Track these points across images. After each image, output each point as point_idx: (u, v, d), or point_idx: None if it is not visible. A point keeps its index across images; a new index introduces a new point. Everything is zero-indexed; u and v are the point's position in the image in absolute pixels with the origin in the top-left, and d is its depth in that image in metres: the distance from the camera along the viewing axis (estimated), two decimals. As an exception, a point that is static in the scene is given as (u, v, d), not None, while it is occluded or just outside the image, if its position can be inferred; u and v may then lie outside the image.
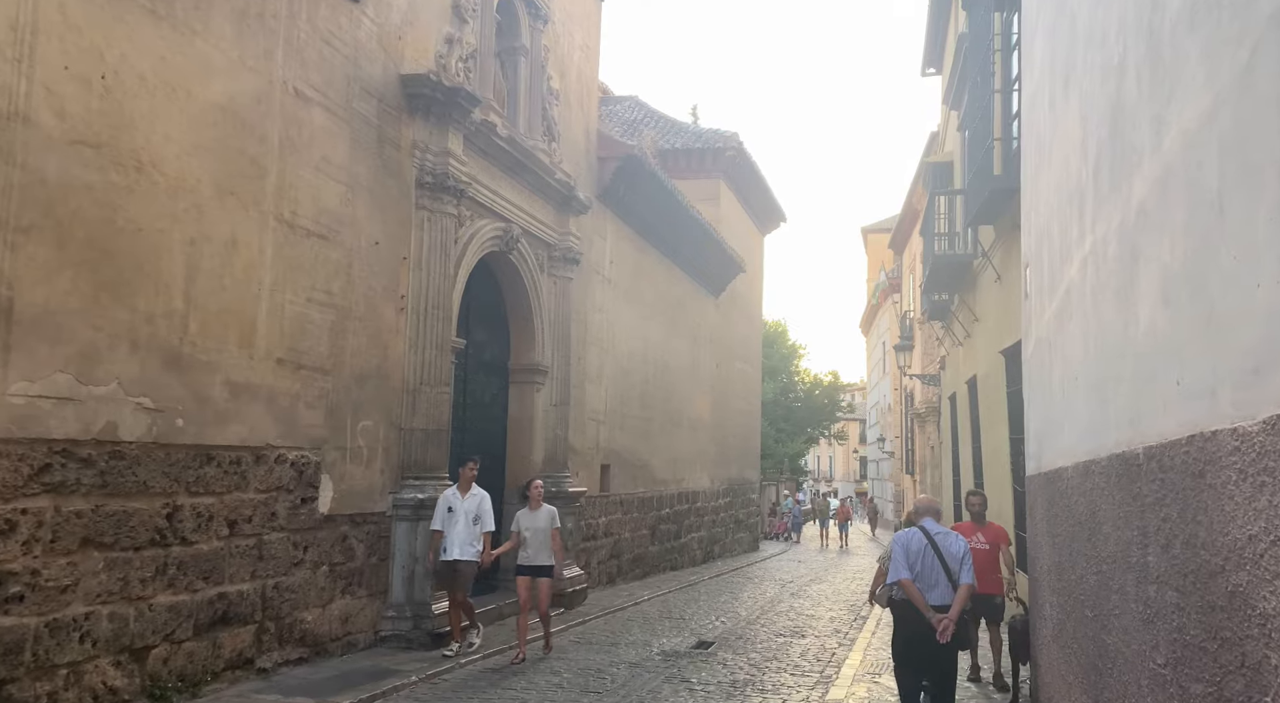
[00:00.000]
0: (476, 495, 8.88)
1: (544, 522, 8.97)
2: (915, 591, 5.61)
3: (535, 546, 8.89)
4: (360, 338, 8.52)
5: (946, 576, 5.64)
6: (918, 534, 5.85)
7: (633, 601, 13.52)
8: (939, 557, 5.69)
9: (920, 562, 5.68)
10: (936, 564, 5.67)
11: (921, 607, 5.55)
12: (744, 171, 23.62)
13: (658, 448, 17.60)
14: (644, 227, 16.42)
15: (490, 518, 8.90)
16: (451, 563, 8.65)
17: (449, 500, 8.80)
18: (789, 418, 47.34)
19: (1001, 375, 11.32)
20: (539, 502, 9.06)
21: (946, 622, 5.45)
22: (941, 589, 5.63)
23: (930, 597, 5.60)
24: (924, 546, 5.74)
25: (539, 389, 12.44)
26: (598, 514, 14.53)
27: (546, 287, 12.55)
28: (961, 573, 5.64)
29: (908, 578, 5.65)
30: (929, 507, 6.28)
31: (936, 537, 5.80)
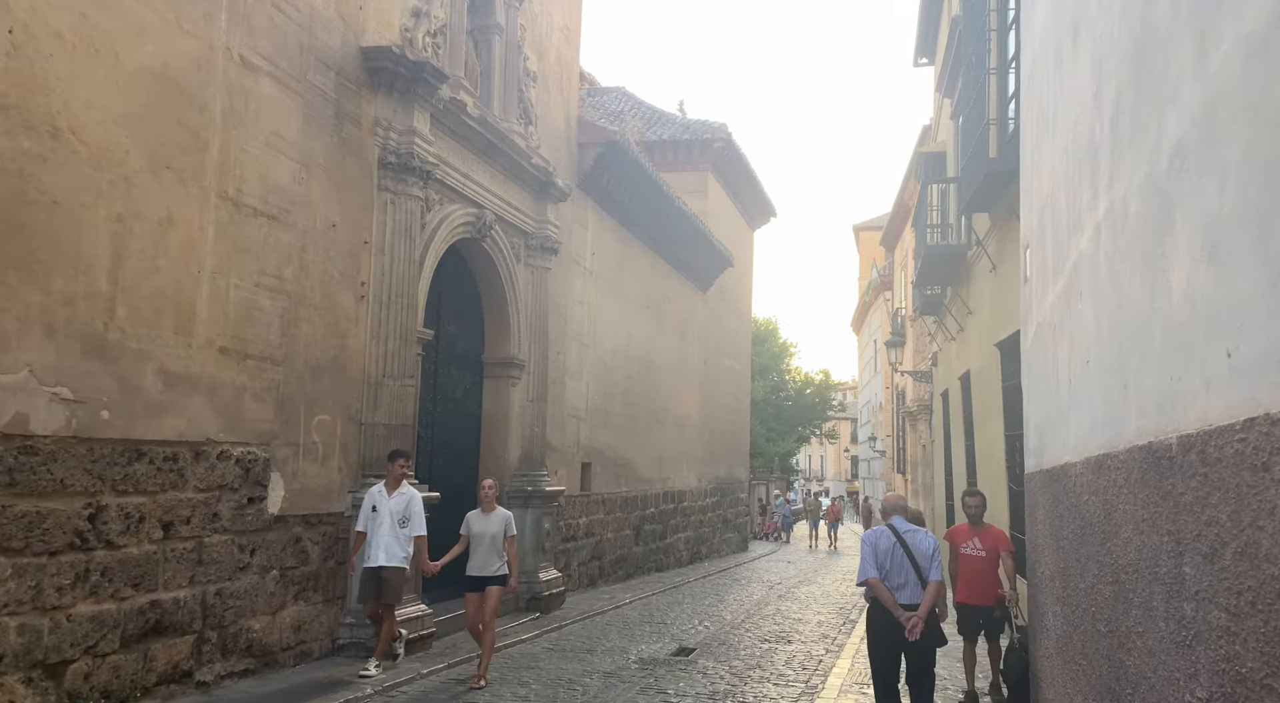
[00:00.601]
0: (405, 495, 7.87)
1: (496, 526, 7.91)
2: (884, 590, 5.57)
3: (485, 553, 7.85)
4: (315, 327, 7.98)
5: (916, 574, 5.60)
6: (886, 533, 5.79)
7: (613, 604, 13.01)
8: (908, 555, 5.64)
9: (889, 560, 5.64)
10: (906, 563, 5.62)
11: (890, 606, 5.51)
12: (733, 164, 23.12)
13: (642, 446, 17.09)
14: (628, 217, 15.90)
15: (421, 520, 7.92)
16: (375, 570, 7.66)
17: (374, 499, 7.80)
18: (779, 417, 46.97)
19: (996, 369, 10.84)
20: (491, 503, 8.06)
21: (915, 620, 5.42)
22: (911, 588, 5.59)
23: (900, 596, 5.57)
24: (892, 544, 5.70)
25: (515, 384, 11.91)
26: (578, 514, 14.01)
27: (523, 277, 12.02)
28: (931, 570, 5.62)
29: (875, 577, 5.62)
30: (896, 504, 6.19)
31: (905, 535, 5.73)
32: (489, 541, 7.86)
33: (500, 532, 7.91)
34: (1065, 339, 4.58)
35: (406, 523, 7.80)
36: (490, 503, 8.06)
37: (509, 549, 7.95)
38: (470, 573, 7.93)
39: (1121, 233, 3.29)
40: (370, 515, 7.77)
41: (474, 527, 7.97)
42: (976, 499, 8.05)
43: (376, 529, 7.71)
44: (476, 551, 7.86)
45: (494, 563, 7.87)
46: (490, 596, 7.84)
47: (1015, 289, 10.01)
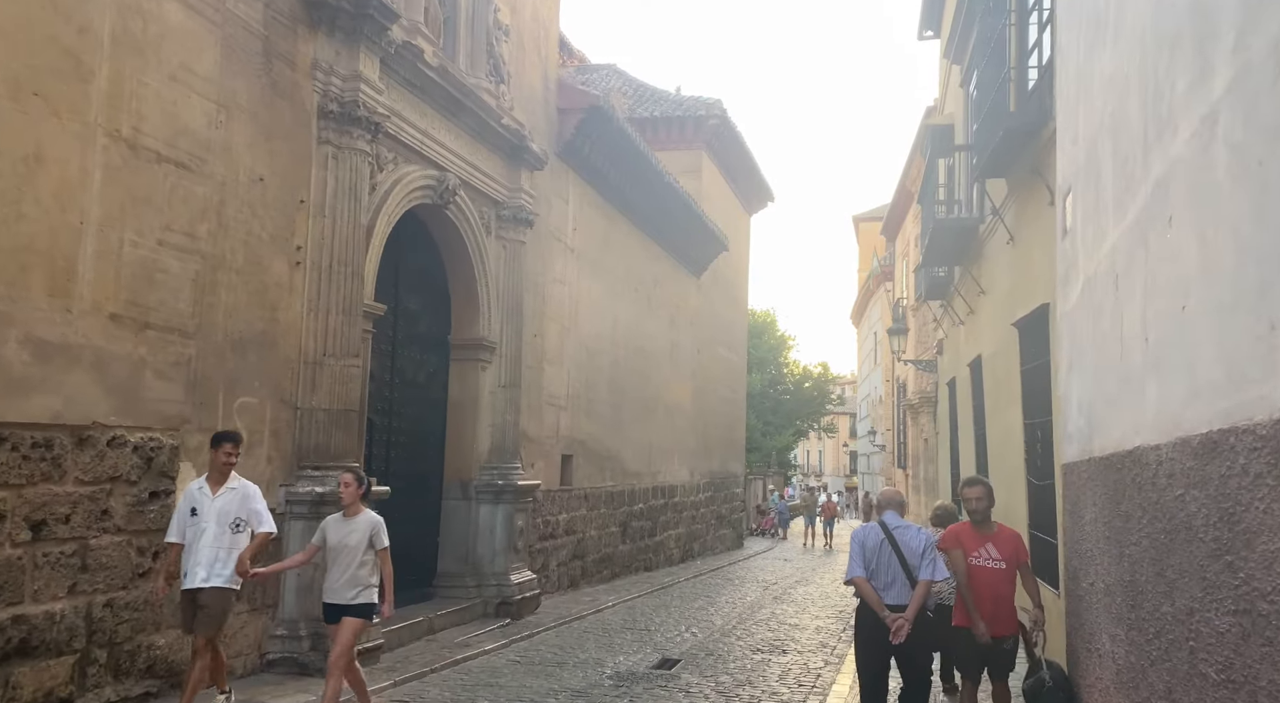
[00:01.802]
0: (236, 490, 5.92)
1: (359, 536, 5.92)
2: (869, 589, 5.32)
3: (342, 572, 5.88)
4: (238, 295, 6.92)
5: (905, 573, 5.33)
6: (875, 529, 5.50)
7: (594, 607, 11.98)
8: (896, 553, 5.36)
9: (876, 558, 5.38)
10: (894, 561, 5.35)
11: (875, 606, 5.27)
12: (728, 143, 22.05)
13: (630, 438, 16.05)
14: (613, 192, 14.84)
15: (265, 518, 5.99)
16: (192, 594, 5.72)
17: (192, 499, 5.84)
18: (777, 410, 46.00)
19: (1014, 351, 9.80)
20: (356, 505, 6.02)
21: (901, 621, 5.13)
22: (899, 587, 5.32)
23: (887, 596, 5.31)
24: (880, 541, 5.43)
25: (485, 368, 10.86)
26: (557, 511, 12.97)
27: (494, 250, 10.96)
28: (921, 569, 5.30)
29: (861, 576, 5.36)
30: (891, 499, 5.86)
31: (895, 531, 5.44)
32: (348, 556, 5.90)
33: (363, 543, 5.92)
34: (1138, 286, 3.53)
35: (242, 528, 5.89)
36: (354, 504, 6.02)
37: (381, 567, 6.03)
38: (326, 600, 6.01)
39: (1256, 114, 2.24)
40: (188, 521, 5.80)
41: (330, 536, 5.97)
42: (978, 491, 5.85)
43: (198, 539, 5.75)
44: (333, 568, 5.94)
45: (355, 586, 5.89)
46: (344, 630, 5.84)
47: (1036, 260, 8.96)
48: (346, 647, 5.89)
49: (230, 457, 5.93)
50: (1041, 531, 8.78)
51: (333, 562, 5.94)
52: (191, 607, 5.75)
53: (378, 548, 5.98)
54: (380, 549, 6.01)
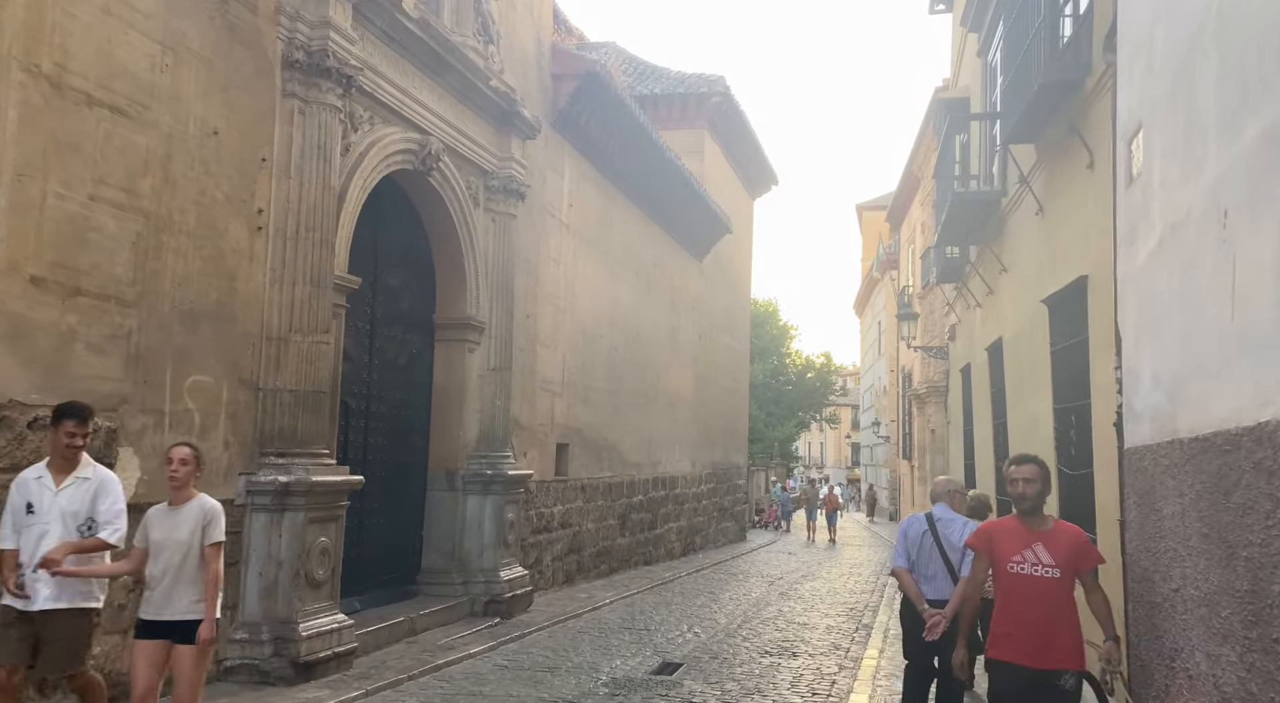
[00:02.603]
0: (90, 482, 4.63)
1: (188, 530, 4.56)
2: (909, 581, 5.22)
3: (172, 576, 4.52)
4: (189, 261, 6.19)
5: (946, 567, 5.17)
6: (919, 520, 5.40)
7: (590, 605, 11.27)
8: (938, 546, 5.22)
9: (918, 550, 5.27)
10: (935, 554, 5.21)
11: (914, 599, 5.15)
12: (731, 122, 21.27)
13: (629, 426, 15.33)
14: (611, 168, 14.08)
15: (117, 519, 4.64)
16: (28, 617, 4.45)
17: (28, 492, 4.57)
18: (779, 401, 45.40)
19: (1043, 331, 9.06)
20: (187, 488, 4.64)
21: (938, 618, 4.90)
22: (940, 582, 5.18)
23: (926, 590, 5.18)
24: (922, 532, 5.31)
25: (473, 350, 10.13)
26: (552, 502, 12.26)
27: (482, 224, 10.21)
28: (962, 565, 5.05)
29: (902, 566, 5.28)
30: (944, 488, 5.65)
31: (939, 523, 5.30)
32: (177, 556, 4.53)
33: (194, 539, 4.55)
34: (1271, 217, 2.78)
35: (93, 526, 4.58)
36: (184, 489, 4.64)
37: (209, 567, 4.56)
38: (143, 615, 4.60)
39: None
40: (23, 520, 4.54)
41: (154, 530, 4.60)
42: (1029, 470, 4.33)
43: (34, 544, 4.47)
44: (160, 572, 4.53)
45: (187, 594, 4.54)
46: (183, 661, 4.51)
47: (1072, 230, 8.20)
48: (196, 678, 4.54)
49: (74, 438, 4.58)
50: (1080, 526, 8.04)
51: (154, 559, 4.55)
52: (28, 629, 4.45)
53: (210, 543, 4.57)
54: (210, 545, 4.57)
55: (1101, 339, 7.14)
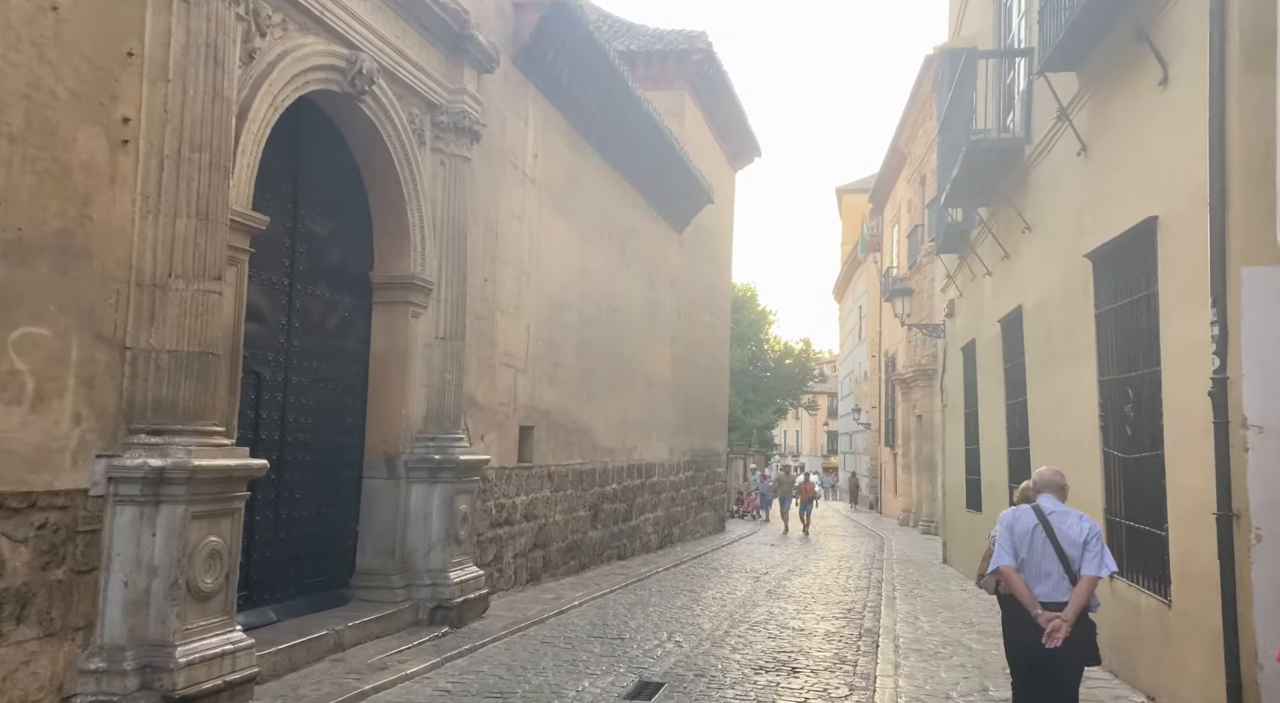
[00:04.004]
0: None
1: None
2: (1019, 582, 4.65)
3: None
4: (18, 175, 4.70)
5: (1062, 565, 4.61)
6: (1027, 513, 4.80)
7: (556, 608, 9.88)
8: (1053, 542, 4.65)
9: (1027, 547, 4.69)
10: (1049, 551, 4.65)
11: (1026, 602, 4.59)
12: (713, 84, 19.85)
13: (602, 408, 13.93)
14: (583, 118, 12.63)
15: None
16: None
17: None
18: (757, 388, 44.40)
19: (1086, 290, 7.75)
20: None
21: (1058, 621, 4.45)
22: (1054, 582, 4.61)
23: (1039, 591, 4.61)
24: (1033, 526, 4.72)
25: (418, 314, 8.67)
26: (514, 492, 10.83)
27: (429, 166, 8.74)
28: (1083, 562, 4.58)
29: (1009, 565, 4.68)
30: (1050, 481, 4.91)
31: (1052, 517, 4.73)
32: None
33: None
34: None
35: None
36: None
37: None
38: None
39: None
40: None
41: None
42: None
43: None
44: None
45: None
46: None
47: (1129, 168, 6.86)
48: None
49: None
50: (1134, 518, 6.73)
51: None
52: None
53: None
54: None
55: (1179, 292, 5.81)
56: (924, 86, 25.52)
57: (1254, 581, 4.82)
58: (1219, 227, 5.11)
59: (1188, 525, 5.67)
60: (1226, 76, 5.11)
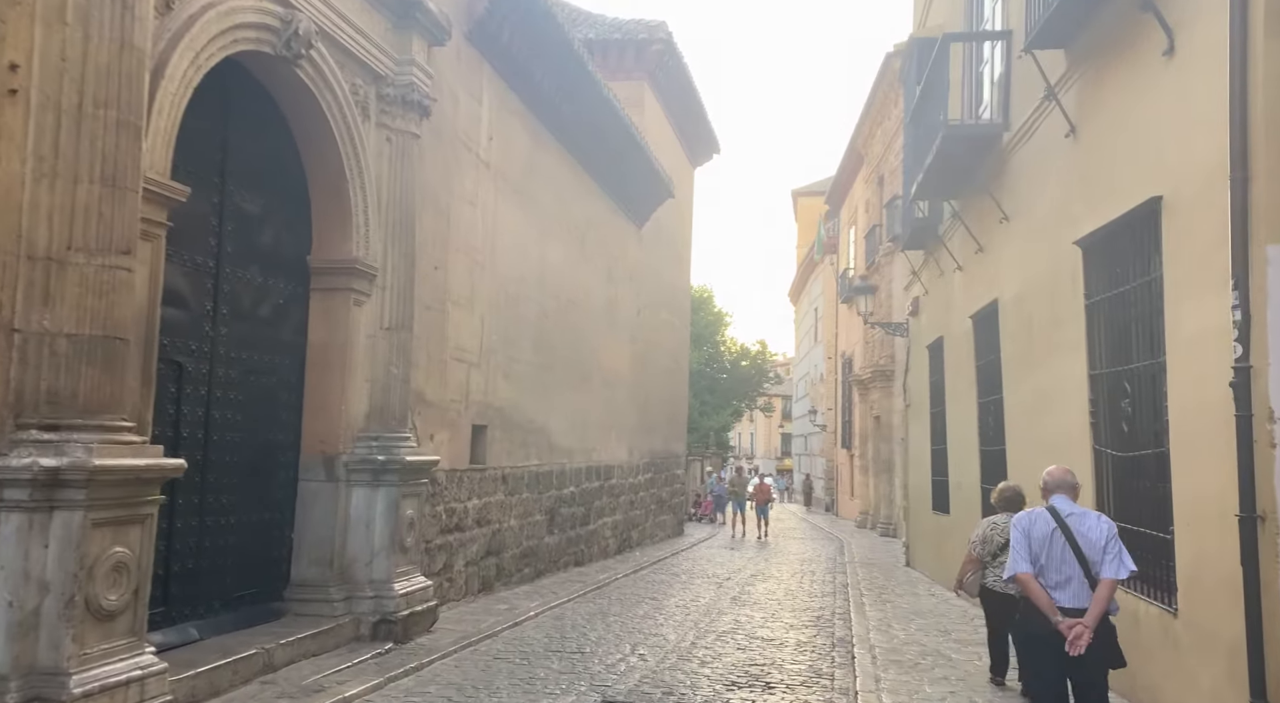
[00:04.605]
0: None
1: None
2: (1037, 588, 4.38)
3: None
4: (-128, 122, 3.97)
5: (1083, 569, 4.34)
6: (1043, 516, 4.51)
7: (511, 619, 9.24)
8: (1071, 545, 4.36)
9: (1046, 551, 4.40)
10: (1068, 554, 4.37)
11: (1046, 609, 4.32)
12: (673, 76, 19.35)
13: (559, 407, 13.31)
14: (540, 103, 12.02)
15: None
16: None
17: None
18: (714, 390, 44.17)
19: (1075, 279, 7.35)
20: None
21: (1080, 628, 4.21)
22: (1075, 587, 4.35)
23: (1059, 597, 4.36)
24: (1051, 530, 4.43)
25: (361, 303, 7.99)
26: (466, 496, 10.17)
27: (375, 142, 8.07)
28: (1103, 566, 4.32)
29: (1027, 571, 4.40)
30: (1062, 481, 4.70)
31: (1069, 519, 4.44)
32: None
33: None
34: None
35: None
36: None
37: None
38: None
39: None
40: None
41: None
42: None
43: None
44: None
45: None
46: None
47: (1128, 147, 6.44)
48: None
49: None
50: (1131, 521, 6.31)
51: None
52: None
53: None
54: None
55: (1188, 276, 5.39)
56: (883, 86, 25.33)
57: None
58: (1240, 202, 4.69)
59: (1199, 528, 5.24)
60: (1249, 40, 4.70)
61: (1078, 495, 4.67)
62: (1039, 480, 7.99)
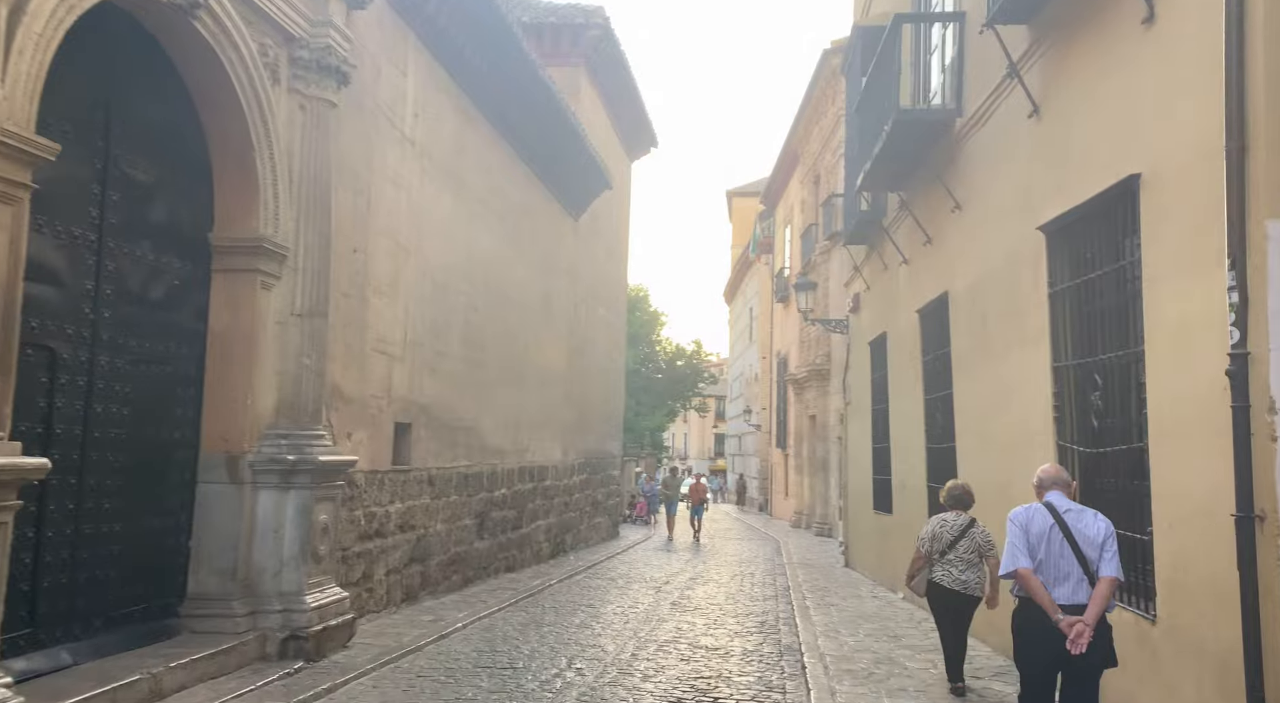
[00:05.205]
0: None
1: None
2: (1037, 584, 4.28)
3: None
4: None
5: (1081, 567, 4.27)
6: (1041, 512, 4.42)
7: (436, 632, 8.55)
8: (1070, 542, 4.30)
9: (1045, 547, 4.33)
10: (1067, 551, 4.30)
11: (1047, 607, 4.23)
12: (611, 64, 18.78)
13: (491, 404, 12.62)
14: (472, 82, 11.34)
15: None
16: None
17: None
18: (649, 389, 43.80)
19: (1038, 267, 7.00)
20: None
21: (1081, 626, 4.12)
22: (1074, 584, 4.27)
23: (1058, 594, 4.27)
24: (1049, 526, 4.36)
25: (270, 286, 7.23)
26: (388, 499, 9.44)
27: (286, 110, 7.32)
28: (1103, 563, 4.26)
29: (1027, 567, 4.32)
30: (1056, 478, 4.57)
31: (1067, 515, 4.38)
32: None
33: None
34: None
35: None
36: None
37: None
38: None
39: None
40: None
41: None
42: None
43: None
44: None
45: None
46: None
47: (1102, 123, 6.10)
48: None
49: None
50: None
51: None
52: None
53: None
54: None
55: (1171, 258, 5.02)
56: (820, 83, 25.18)
57: (1285, 595, 4.01)
58: (1236, 174, 4.31)
59: (1183, 529, 4.88)
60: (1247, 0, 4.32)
61: (1073, 493, 4.55)
62: (996, 479, 7.67)
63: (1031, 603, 4.34)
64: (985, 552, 6.55)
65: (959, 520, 6.65)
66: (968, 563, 6.54)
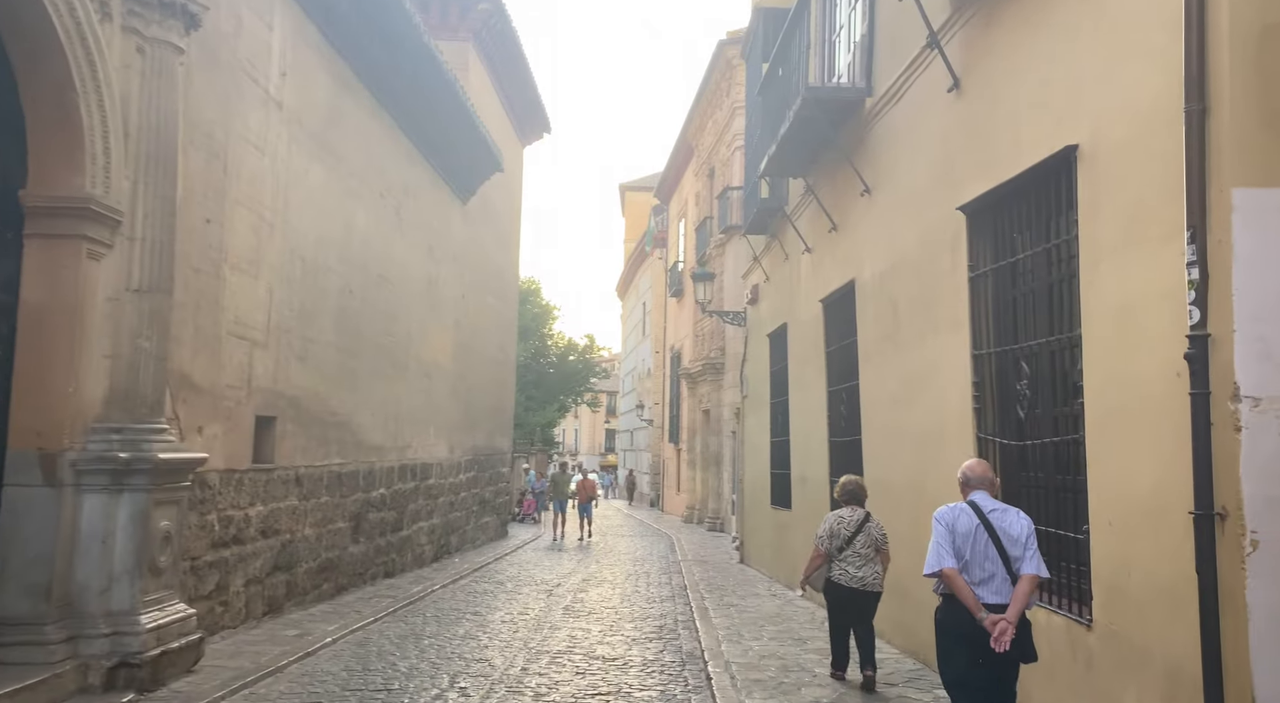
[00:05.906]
0: None
1: None
2: (963, 584, 4.23)
3: None
4: None
5: (1005, 566, 4.25)
6: (966, 511, 4.35)
7: (301, 649, 7.63)
8: (994, 541, 4.26)
9: (970, 547, 4.28)
10: (991, 550, 4.26)
11: (971, 606, 4.20)
12: (501, 41, 17.90)
13: (369, 397, 11.64)
14: (348, 44, 10.35)
15: None
16: None
17: None
18: (540, 384, 42.89)
19: (956, 251, 6.62)
20: None
21: (1004, 624, 4.11)
22: (998, 583, 4.25)
23: (983, 594, 4.24)
24: (974, 526, 4.29)
25: (99, 255, 6.18)
26: (247, 501, 8.43)
27: (120, 50, 6.28)
28: (1025, 561, 4.24)
29: (952, 567, 4.25)
30: (982, 477, 4.48)
31: (991, 515, 4.32)
32: None
33: None
34: None
35: None
36: None
37: None
38: None
39: None
40: None
41: None
42: None
43: None
44: None
45: None
46: None
47: (1032, 95, 5.73)
48: None
49: None
50: (1038, 522, 5.54)
51: None
52: None
53: None
54: None
55: (1113, 235, 4.64)
56: (715, 75, 24.88)
57: (1249, 601, 3.64)
58: (1196, 138, 3.92)
59: (1126, 528, 4.50)
60: (1208, -56, 3.93)
61: (998, 492, 4.50)
62: (908, 473, 7.28)
63: (954, 601, 4.29)
64: (880, 546, 6.69)
65: (854, 516, 6.72)
66: (864, 559, 6.62)
